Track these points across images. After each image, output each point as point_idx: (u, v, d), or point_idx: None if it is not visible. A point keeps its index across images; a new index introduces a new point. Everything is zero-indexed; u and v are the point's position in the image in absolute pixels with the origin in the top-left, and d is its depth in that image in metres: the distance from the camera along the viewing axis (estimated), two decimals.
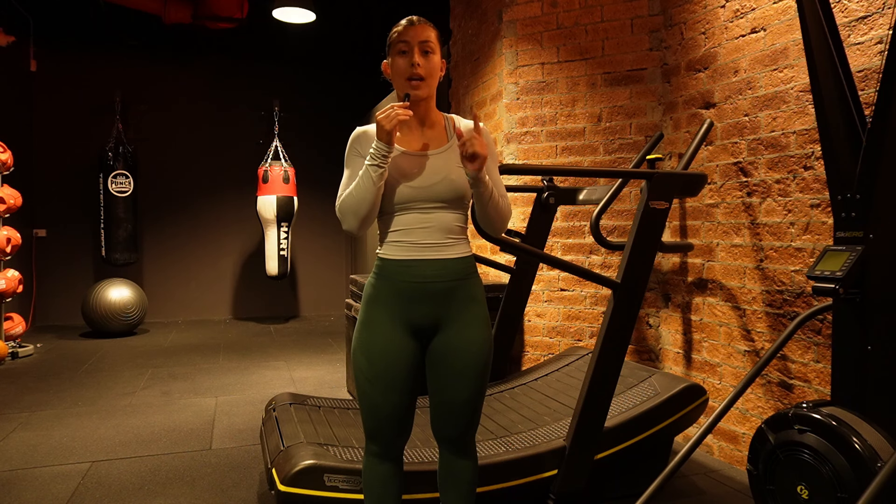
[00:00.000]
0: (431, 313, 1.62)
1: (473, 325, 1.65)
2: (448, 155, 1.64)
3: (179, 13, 5.60)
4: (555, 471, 2.25)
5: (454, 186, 1.61)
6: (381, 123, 1.52)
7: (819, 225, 2.40)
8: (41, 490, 2.54)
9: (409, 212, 1.60)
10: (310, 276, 7.59)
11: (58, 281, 6.60)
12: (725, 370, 2.89)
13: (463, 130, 1.69)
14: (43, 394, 3.95)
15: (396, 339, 1.61)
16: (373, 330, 1.62)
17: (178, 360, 4.98)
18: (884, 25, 2.14)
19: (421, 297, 1.60)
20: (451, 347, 1.62)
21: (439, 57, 1.64)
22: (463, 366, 1.62)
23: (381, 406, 1.62)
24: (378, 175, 1.54)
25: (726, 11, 2.86)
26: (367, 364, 1.62)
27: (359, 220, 1.58)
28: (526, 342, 3.63)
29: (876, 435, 1.69)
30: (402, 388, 1.62)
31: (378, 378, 1.61)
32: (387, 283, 1.62)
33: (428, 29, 1.61)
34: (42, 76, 6.50)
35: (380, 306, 1.63)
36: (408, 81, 1.59)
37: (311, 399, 2.77)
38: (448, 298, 1.62)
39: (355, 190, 1.57)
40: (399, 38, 1.61)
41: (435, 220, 1.60)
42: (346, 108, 7.38)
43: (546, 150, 3.57)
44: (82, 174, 6.59)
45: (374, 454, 1.69)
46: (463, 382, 1.63)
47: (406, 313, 1.61)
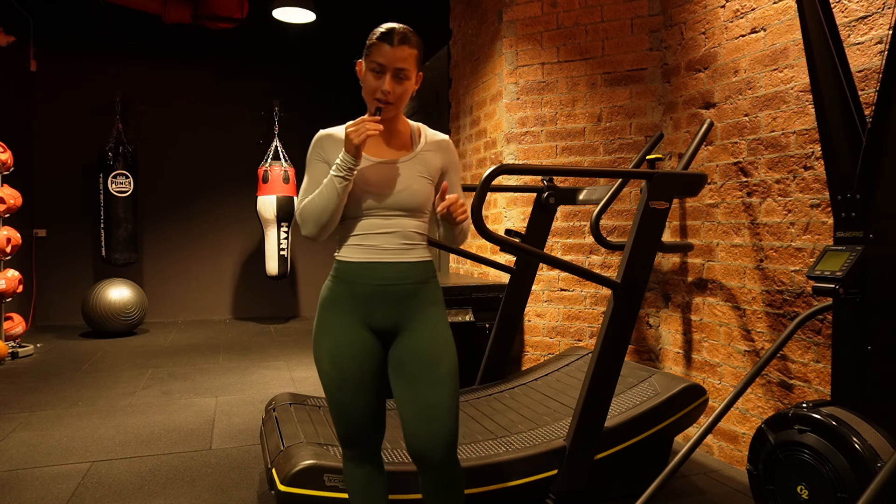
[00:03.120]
0: (391, 316, 1.60)
1: (434, 325, 1.62)
2: (412, 164, 1.63)
3: (179, 13, 5.60)
4: (555, 471, 2.25)
5: (416, 196, 1.61)
6: (350, 137, 1.52)
7: (819, 225, 2.40)
8: (41, 490, 2.54)
9: (371, 217, 1.60)
10: (310, 276, 7.59)
11: (58, 281, 6.60)
12: (725, 370, 2.89)
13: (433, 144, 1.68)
14: (43, 394, 3.95)
15: (358, 339, 1.60)
16: (335, 334, 1.60)
17: (178, 360, 4.98)
18: (884, 25, 2.14)
19: (381, 300, 1.59)
20: (414, 348, 1.59)
21: (414, 79, 1.62)
22: (429, 363, 1.57)
23: (351, 409, 1.61)
24: (343, 187, 1.54)
25: (726, 11, 2.86)
26: (334, 368, 1.60)
27: (319, 228, 1.58)
28: (526, 342, 3.63)
29: (876, 435, 1.69)
30: (370, 389, 1.62)
31: (346, 382, 1.59)
32: (346, 285, 1.61)
33: (405, 52, 1.56)
34: (42, 76, 6.50)
35: (339, 309, 1.61)
36: (374, 101, 1.59)
37: (311, 399, 2.77)
38: (407, 301, 1.60)
39: (318, 198, 1.56)
40: (375, 55, 1.57)
41: (396, 225, 1.60)
42: (346, 107, 7.37)
43: (546, 150, 3.57)
44: (82, 174, 6.59)
45: (351, 458, 1.68)
46: (433, 382, 1.56)
47: (366, 316, 1.60)
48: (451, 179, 1.70)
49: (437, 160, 1.67)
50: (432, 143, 1.69)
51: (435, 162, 1.67)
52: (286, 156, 6.55)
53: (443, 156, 1.69)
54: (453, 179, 1.71)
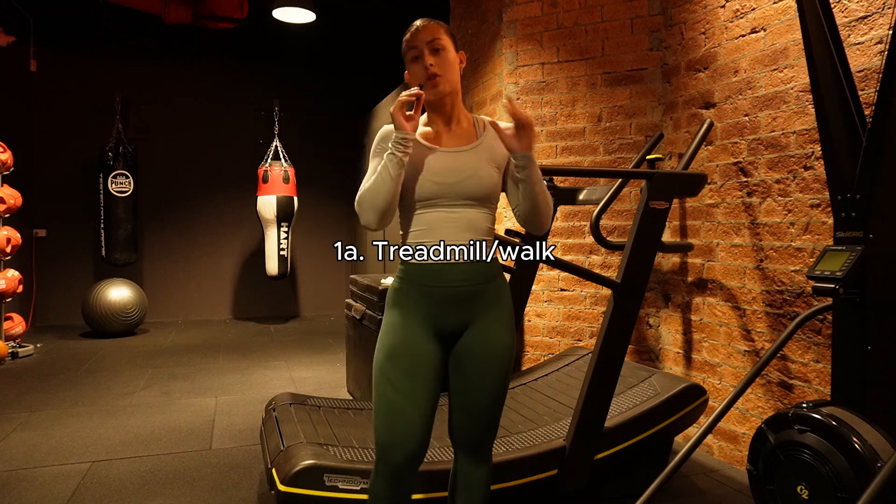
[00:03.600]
0: (459, 317, 1.58)
1: (498, 328, 1.60)
2: (477, 152, 1.59)
3: (179, 13, 5.60)
4: (555, 471, 2.25)
5: (483, 184, 1.55)
6: (393, 111, 1.50)
7: (819, 225, 2.40)
8: (41, 490, 2.54)
9: (435, 209, 1.55)
10: (310, 276, 7.59)
11: (58, 281, 6.60)
12: (725, 370, 2.89)
13: (497, 124, 1.64)
14: (43, 394, 3.95)
15: (423, 342, 1.56)
16: (399, 333, 1.56)
17: (178, 360, 4.98)
18: (884, 25, 2.14)
19: (450, 302, 1.56)
20: (476, 350, 1.58)
21: (454, 52, 1.59)
22: (486, 369, 1.59)
23: (405, 409, 1.52)
24: (395, 164, 1.49)
25: (726, 11, 2.86)
26: (392, 367, 1.54)
27: (377, 213, 1.52)
28: (526, 342, 3.63)
29: (876, 435, 1.69)
30: (427, 391, 1.55)
31: (404, 379, 1.53)
32: (413, 286, 1.57)
33: (435, 28, 1.57)
34: (42, 76, 6.50)
35: (405, 310, 1.57)
36: (426, 83, 1.56)
37: (311, 399, 2.77)
38: (475, 302, 1.58)
39: (373, 182, 1.52)
40: (408, 45, 1.58)
41: (462, 218, 1.55)
42: (346, 108, 7.38)
43: (546, 150, 3.57)
44: (82, 174, 6.59)
45: (387, 476, 1.54)
46: (485, 386, 1.60)
47: (433, 318, 1.57)
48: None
49: (504, 147, 1.62)
50: (498, 125, 1.64)
51: (501, 149, 1.61)
52: (286, 156, 6.55)
53: None
54: None
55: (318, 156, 7.36)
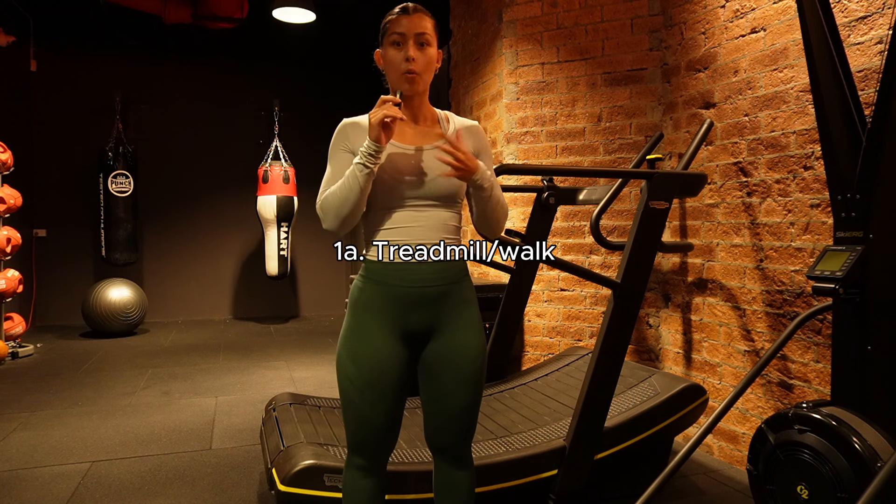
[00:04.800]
0: (426, 319, 1.54)
1: (468, 329, 1.58)
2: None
3: (179, 13, 5.60)
4: (555, 471, 2.25)
5: (450, 183, 1.53)
6: (373, 122, 1.44)
7: (819, 225, 2.40)
8: (41, 490, 2.54)
9: (401, 209, 1.52)
10: (310, 276, 7.59)
11: (58, 281, 6.60)
12: (725, 370, 2.89)
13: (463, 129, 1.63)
14: (43, 394, 3.95)
15: (388, 345, 1.52)
16: (363, 336, 1.53)
17: (178, 360, 4.98)
18: (884, 25, 2.14)
19: (416, 302, 1.52)
20: (447, 354, 1.55)
21: (436, 48, 1.55)
22: (460, 372, 1.55)
23: (370, 417, 1.52)
24: (365, 175, 1.45)
25: (726, 11, 2.86)
26: (357, 372, 1.52)
27: (340, 220, 1.50)
28: (526, 342, 3.63)
29: (876, 435, 1.69)
30: (392, 397, 1.54)
31: (369, 387, 1.51)
32: (378, 286, 1.53)
33: (424, 19, 1.52)
34: (42, 76, 6.50)
35: (370, 311, 1.53)
36: (402, 75, 1.51)
37: (311, 399, 2.77)
38: (442, 303, 1.54)
39: (339, 189, 1.48)
40: (393, 28, 1.52)
41: (429, 217, 1.52)
42: (346, 107, 7.37)
43: (546, 150, 3.57)
44: (82, 174, 6.58)
45: (359, 467, 1.58)
46: (461, 389, 1.56)
47: (399, 319, 1.53)
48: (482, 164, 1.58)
49: (469, 145, 1.60)
50: (462, 129, 1.62)
51: (467, 147, 1.58)
52: (286, 156, 6.55)
53: (474, 141, 1.62)
54: (485, 164, 1.61)
55: (319, 156, 7.33)
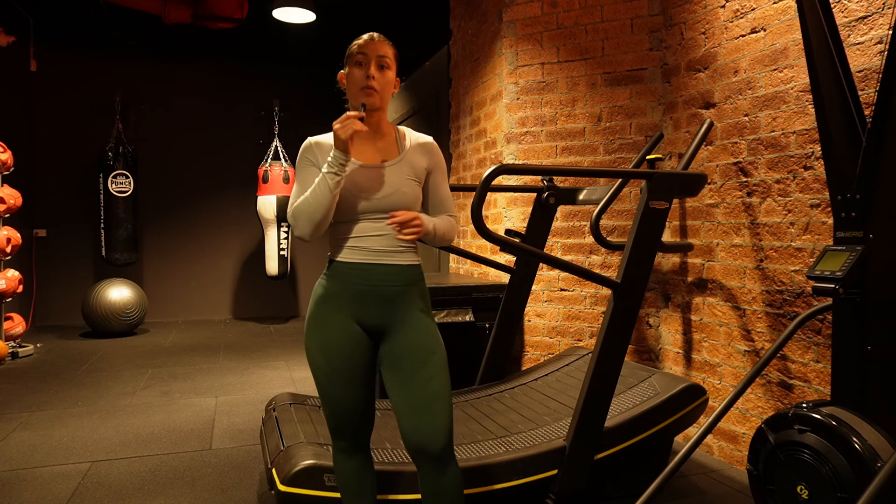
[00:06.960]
0: (381, 314, 1.67)
1: (422, 322, 1.69)
2: (400, 167, 1.69)
3: (179, 13, 5.60)
4: (555, 471, 2.25)
5: (405, 199, 1.67)
6: (338, 133, 1.57)
7: (819, 225, 2.40)
8: (41, 490, 2.54)
9: (362, 221, 1.66)
10: (310, 276, 7.59)
11: (58, 281, 6.60)
12: (725, 370, 2.89)
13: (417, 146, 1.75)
14: (43, 394, 3.95)
15: (349, 333, 1.66)
16: (327, 327, 1.66)
17: (178, 360, 4.98)
18: (884, 25, 2.14)
19: (371, 298, 1.66)
20: (405, 345, 1.66)
21: (394, 74, 1.71)
22: (421, 358, 1.64)
23: (342, 400, 1.68)
24: (335, 182, 1.58)
25: (726, 11, 2.86)
26: (325, 361, 1.66)
27: (313, 226, 1.61)
28: (526, 342, 3.63)
29: (876, 435, 1.69)
30: (360, 382, 1.68)
31: (337, 373, 1.66)
32: (339, 283, 1.67)
33: (386, 45, 1.68)
34: (42, 76, 6.50)
35: (331, 305, 1.67)
36: (362, 90, 1.65)
37: (311, 399, 2.77)
38: (397, 302, 1.67)
39: (311, 196, 1.60)
40: (358, 50, 1.66)
41: (386, 228, 1.66)
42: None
43: (546, 150, 3.57)
44: (82, 174, 6.59)
45: (343, 450, 1.74)
46: (426, 373, 1.63)
47: (357, 312, 1.66)
48: (436, 180, 1.77)
49: (423, 162, 1.74)
50: (417, 145, 1.75)
51: (421, 163, 1.73)
52: (286, 156, 6.55)
53: (428, 157, 1.75)
54: (438, 179, 1.77)
55: None
